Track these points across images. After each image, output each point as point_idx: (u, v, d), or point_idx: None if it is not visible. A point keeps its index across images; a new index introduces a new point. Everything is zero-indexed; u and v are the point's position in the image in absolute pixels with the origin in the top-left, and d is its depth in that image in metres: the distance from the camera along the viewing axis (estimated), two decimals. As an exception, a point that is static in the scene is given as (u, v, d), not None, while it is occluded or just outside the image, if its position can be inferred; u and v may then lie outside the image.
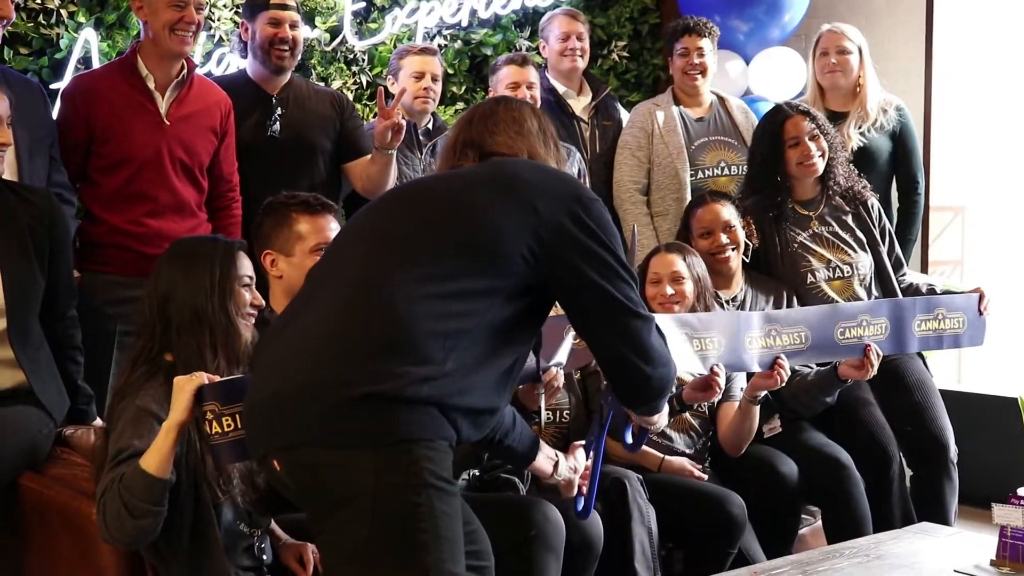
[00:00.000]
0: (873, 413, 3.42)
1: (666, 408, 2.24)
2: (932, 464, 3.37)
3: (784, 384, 3.08)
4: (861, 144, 3.90)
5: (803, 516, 3.39)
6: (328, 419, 1.78)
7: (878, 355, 3.14)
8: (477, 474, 2.83)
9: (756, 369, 3.07)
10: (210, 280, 2.32)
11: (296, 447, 1.83)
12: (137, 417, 2.18)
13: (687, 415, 3.21)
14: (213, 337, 2.29)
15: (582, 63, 4.20)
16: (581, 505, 2.39)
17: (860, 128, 3.92)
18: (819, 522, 3.41)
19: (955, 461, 3.38)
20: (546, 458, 2.37)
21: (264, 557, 2.35)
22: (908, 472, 3.52)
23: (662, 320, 2.56)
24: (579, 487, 2.41)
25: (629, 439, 2.34)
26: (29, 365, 2.62)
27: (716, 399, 3.05)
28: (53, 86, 3.44)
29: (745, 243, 3.49)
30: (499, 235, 1.88)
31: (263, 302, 2.49)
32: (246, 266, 2.43)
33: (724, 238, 3.43)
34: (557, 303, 2.04)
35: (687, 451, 3.23)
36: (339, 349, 1.81)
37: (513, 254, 1.88)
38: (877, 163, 3.94)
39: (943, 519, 3.25)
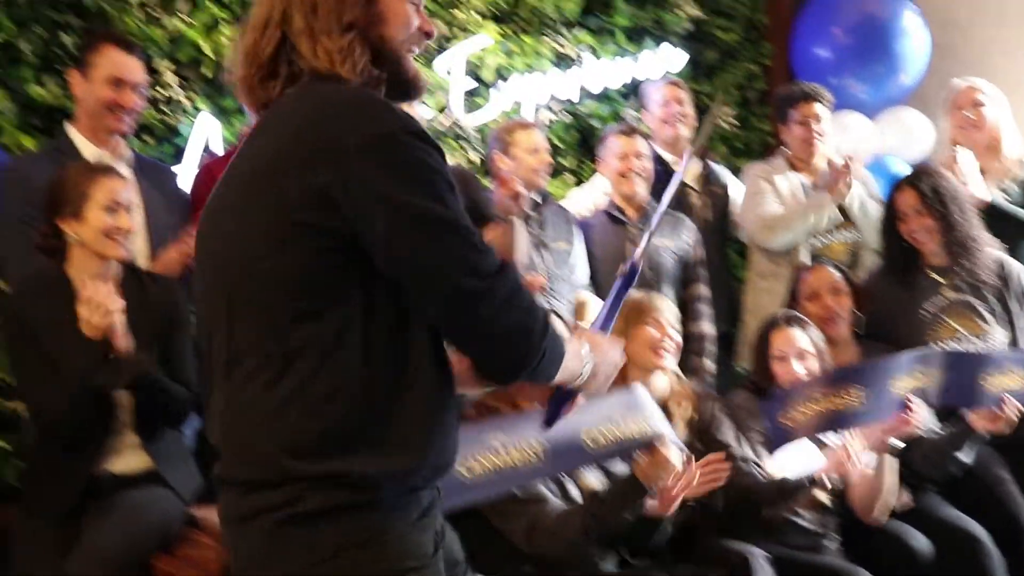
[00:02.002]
0: (1009, 490, 3.29)
1: (591, 368, 1.66)
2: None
3: (920, 428, 2.96)
4: (1001, 200, 3.77)
5: (937, 595, 3.25)
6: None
7: (1019, 410, 3.00)
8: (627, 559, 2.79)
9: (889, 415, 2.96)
10: None
11: None
12: None
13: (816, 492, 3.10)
14: None
15: (684, 129, 4.17)
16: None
17: (999, 184, 3.82)
18: (955, 601, 3.26)
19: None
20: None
21: None
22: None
23: None
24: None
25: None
26: (155, 449, 2.70)
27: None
28: (173, 169, 3.55)
29: (856, 314, 3.42)
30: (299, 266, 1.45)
31: None
32: None
33: (831, 301, 3.39)
34: None
35: (812, 527, 3.12)
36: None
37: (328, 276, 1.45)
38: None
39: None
